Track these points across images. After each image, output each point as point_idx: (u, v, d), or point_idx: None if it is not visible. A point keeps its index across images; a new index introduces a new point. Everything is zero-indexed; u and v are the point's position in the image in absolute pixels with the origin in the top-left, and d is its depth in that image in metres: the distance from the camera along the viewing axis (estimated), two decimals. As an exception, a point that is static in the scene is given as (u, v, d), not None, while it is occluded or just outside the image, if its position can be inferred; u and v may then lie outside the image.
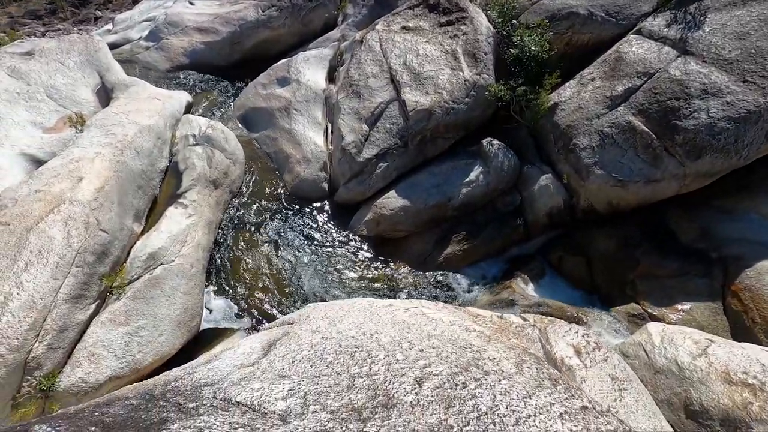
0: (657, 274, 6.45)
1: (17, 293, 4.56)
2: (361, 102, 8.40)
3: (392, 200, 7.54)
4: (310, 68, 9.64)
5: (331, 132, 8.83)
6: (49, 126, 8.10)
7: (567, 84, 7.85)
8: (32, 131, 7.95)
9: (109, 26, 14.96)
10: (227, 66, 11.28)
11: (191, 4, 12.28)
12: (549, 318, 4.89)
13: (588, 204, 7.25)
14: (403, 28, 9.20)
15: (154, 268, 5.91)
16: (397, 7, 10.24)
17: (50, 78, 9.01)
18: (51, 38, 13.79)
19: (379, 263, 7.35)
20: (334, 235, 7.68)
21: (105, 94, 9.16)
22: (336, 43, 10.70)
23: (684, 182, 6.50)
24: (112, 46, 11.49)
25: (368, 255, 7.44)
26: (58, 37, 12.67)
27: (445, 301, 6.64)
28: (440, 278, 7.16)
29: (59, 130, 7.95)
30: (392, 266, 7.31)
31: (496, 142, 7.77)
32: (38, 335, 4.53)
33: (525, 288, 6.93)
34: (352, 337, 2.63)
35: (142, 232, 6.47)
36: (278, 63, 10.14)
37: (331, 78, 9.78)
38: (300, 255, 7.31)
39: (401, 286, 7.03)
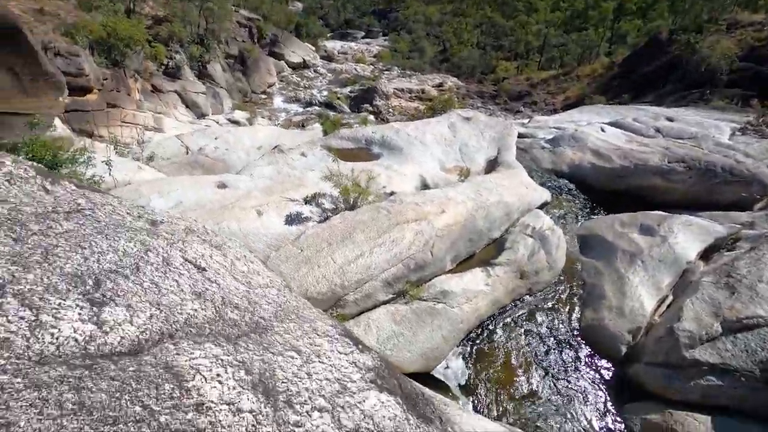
0: None
1: (367, 255, 6.31)
2: (732, 300, 6.77)
3: (699, 426, 5.73)
4: (686, 234, 8.57)
5: (668, 306, 7.57)
6: (446, 167, 10.67)
7: None
8: (435, 165, 10.66)
9: (525, 120, 18.13)
10: (600, 190, 11.52)
11: (602, 131, 13.24)
12: None
13: None
14: None
15: (438, 302, 6.80)
16: None
17: (468, 138, 11.81)
18: (484, 113, 18.02)
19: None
20: (603, 404, 6.48)
21: (492, 165, 11.21)
22: (738, 226, 9.05)
23: None
24: (519, 135, 13.88)
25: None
26: (489, 115, 16.42)
27: None
28: None
29: (450, 173, 10.33)
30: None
31: None
32: (345, 288, 6.07)
33: None
34: None
35: (449, 272, 7.56)
36: (652, 212, 9.52)
37: (704, 255, 8.39)
38: (554, 397, 6.52)
39: None
